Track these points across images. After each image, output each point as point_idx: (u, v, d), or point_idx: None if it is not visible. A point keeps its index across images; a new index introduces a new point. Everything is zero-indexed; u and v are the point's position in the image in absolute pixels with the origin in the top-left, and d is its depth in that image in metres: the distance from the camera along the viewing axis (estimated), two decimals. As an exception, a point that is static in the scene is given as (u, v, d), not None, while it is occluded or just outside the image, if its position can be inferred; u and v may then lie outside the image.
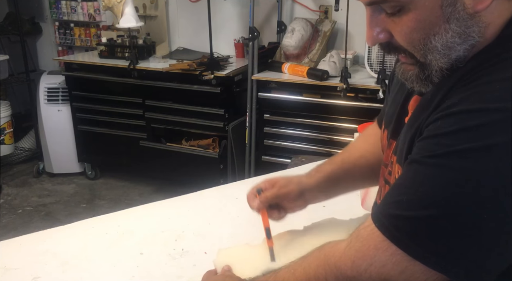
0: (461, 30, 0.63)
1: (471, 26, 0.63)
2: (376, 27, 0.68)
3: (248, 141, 3.18)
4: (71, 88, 3.62)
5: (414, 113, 0.73)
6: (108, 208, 3.32)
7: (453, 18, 0.63)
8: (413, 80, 0.70)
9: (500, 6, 0.63)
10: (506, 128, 0.55)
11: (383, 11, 0.67)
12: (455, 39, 0.64)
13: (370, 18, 0.68)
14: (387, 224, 0.63)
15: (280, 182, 1.02)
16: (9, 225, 3.18)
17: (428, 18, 0.64)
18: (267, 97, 3.01)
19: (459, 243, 0.58)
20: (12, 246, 1.18)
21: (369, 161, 1.03)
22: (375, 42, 0.70)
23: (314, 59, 3.04)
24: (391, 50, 0.71)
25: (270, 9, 3.43)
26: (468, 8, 0.62)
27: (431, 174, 0.60)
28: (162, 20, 3.68)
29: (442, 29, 0.64)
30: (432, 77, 0.68)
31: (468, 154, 0.57)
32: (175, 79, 3.24)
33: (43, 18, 4.27)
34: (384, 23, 0.68)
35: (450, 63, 0.66)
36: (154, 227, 1.20)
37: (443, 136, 0.59)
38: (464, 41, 0.64)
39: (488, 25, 0.64)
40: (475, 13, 0.63)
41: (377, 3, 0.66)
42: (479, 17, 0.63)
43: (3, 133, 3.72)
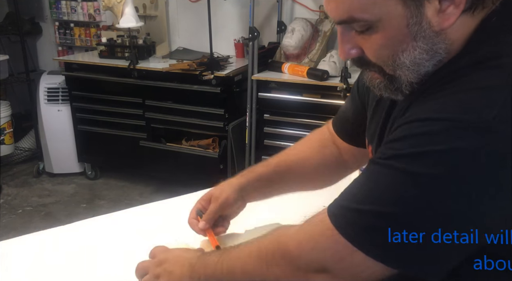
0: (428, 47, 0.66)
1: (438, 43, 0.66)
2: (347, 44, 0.72)
3: (248, 141, 3.18)
4: (71, 88, 3.62)
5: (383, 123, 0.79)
6: (108, 208, 3.32)
7: (420, 36, 0.65)
8: (381, 89, 0.74)
9: (464, 21, 0.66)
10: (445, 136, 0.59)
11: (353, 29, 0.70)
12: (422, 56, 0.67)
13: (342, 35, 0.72)
14: (336, 213, 0.68)
15: (214, 194, 1.04)
16: (9, 225, 3.18)
17: (396, 36, 0.66)
18: (267, 97, 3.01)
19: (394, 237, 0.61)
20: (12, 246, 1.18)
21: (306, 167, 1.06)
22: (347, 57, 0.73)
23: (314, 59, 3.04)
24: (363, 64, 0.73)
25: (270, 9, 3.43)
26: (434, 26, 0.65)
27: (380, 173, 0.65)
28: (162, 20, 3.68)
29: (410, 46, 0.66)
30: (402, 89, 0.71)
31: (411, 158, 0.61)
32: (175, 79, 3.24)
33: (43, 18, 4.27)
34: (355, 40, 0.70)
35: (419, 78, 0.69)
36: (154, 227, 1.20)
37: (395, 141, 0.64)
38: (431, 57, 0.67)
39: (454, 42, 0.67)
40: (441, 30, 0.65)
41: (346, 23, 0.69)
42: (445, 35, 0.66)
43: (3, 133, 3.72)
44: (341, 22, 0.69)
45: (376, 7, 0.64)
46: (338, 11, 0.68)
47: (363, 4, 0.65)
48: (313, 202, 1.11)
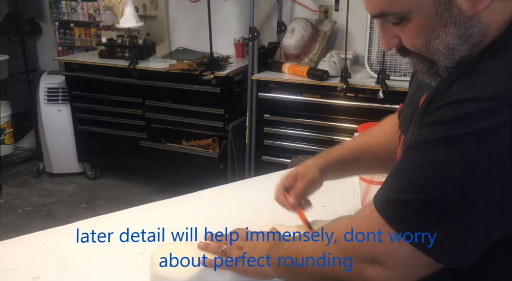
0: (461, 32, 0.67)
1: (470, 27, 0.67)
2: (387, 34, 0.75)
3: (248, 141, 3.18)
4: (71, 88, 3.62)
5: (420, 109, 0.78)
6: (108, 208, 3.32)
7: (450, 22, 0.67)
8: (424, 73, 0.75)
9: (500, 5, 0.66)
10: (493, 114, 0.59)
11: (389, 21, 0.73)
12: (455, 41, 0.68)
13: (381, 28, 0.75)
14: (384, 206, 0.68)
15: (300, 172, 1.09)
16: (9, 225, 3.18)
17: (427, 25, 0.69)
18: (267, 97, 3.01)
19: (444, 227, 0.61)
20: (12, 246, 1.18)
21: (378, 151, 1.10)
22: (389, 47, 0.77)
23: (314, 59, 3.04)
24: (404, 53, 0.76)
25: (270, 9, 3.43)
26: (465, 11, 0.66)
27: (423, 158, 0.64)
28: (162, 20, 3.68)
29: (442, 32, 0.68)
30: (440, 72, 0.72)
31: (457, 141, 0.60)
32: (175, 79, 3.24)
33: (43, 18, 4.27)
34: (393, 30, 0.74)
35: (454, 62, 0.70)
36: (154, 227, 1.20)
37: (436, 124, 0.64)
38: (465, 42, 0.68)
39: (489, 25, 0.67)
40: (474, 14, 0.66)
41: (380, 17, 0.73)
42: (478, 18, 0.67)
43: (3, 133, 3.72)
44: (376, 16, 0.73)
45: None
46: (371, 6, 0.72)
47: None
48: (315, 201, 1.12)
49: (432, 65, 0.73)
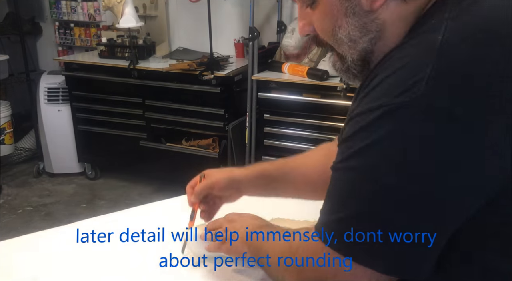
0: (360, 25, 0.70)
1: (368, 22, 0.69)
2: (302, 20, 0.77)
3: (248, 141, 3.18)
4: (71, 88, 3.62)
5: None
6: (108, 208, 3.32)
7: (350, 12, 0.70)
8: (340, 70, 0.78)
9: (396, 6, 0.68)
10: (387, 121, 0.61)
11: (305, 4, 0.75)
12: (355, 33, 0.71)
13: (299, 11, 0.77)
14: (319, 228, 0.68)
15: (209, 173, 1.09)
16: (9, 225, 3.18)
17: (331, 11, 0.71)
18: (267, 97, 3.01)
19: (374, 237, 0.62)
20: (12, 246, 1.18)
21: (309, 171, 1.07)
22: (303, 33, 0.79)
23: (314, 59, 3.04)
24: (319, 43, 0.78)
25: (270, 9, 3.43)
26: (364, 4, 0.69)
27: (340, 178, 0.66)
28: (162, 20, 3.68)
29: (344, 22, 0.71)
30: (350, 68, 0.74)
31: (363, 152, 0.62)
32: (175, 79, 3.24)
33: (43, 18, 4.27)
34: (308, 15, 0.76)
35: (357, 54, 0.73)
36: (154, 227, 1.20)
37: (346, 140, 0.66)
38: (364, 35, 0.70)
39: (386, 23, 0.69)
40: (372, 10, 0.69)
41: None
42: (376, 14, 0.69)
43: (3, 133, 3.72)
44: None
45: None
46: None
47: None
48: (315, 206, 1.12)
49: (342, 59, 0.75)
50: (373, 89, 0.65)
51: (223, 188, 1.08)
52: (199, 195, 1.08)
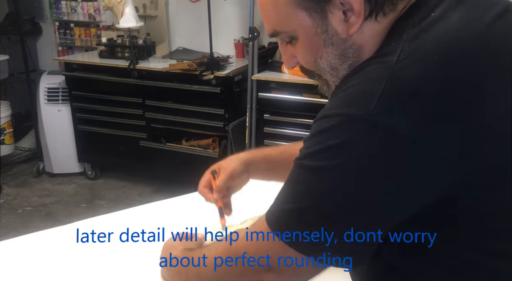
0: (339, 52, 0.73)
1: (346, 48, 0.73)
2: (285, 54, 0.81)
3: (248, 141, 3.18)
4: (71, 88, 3.62)
5: None
6: (108, 208, 3.32)
7: (328, 43, 0.73)
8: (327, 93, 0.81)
9: (369, 28, 0.71)
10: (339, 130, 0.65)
11: (284, 41, 0.79)
12: (336, 60, 0.74)
13: (281, 47, 0.81)
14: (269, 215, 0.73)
15: (223, 165, 1.12)
16: (9, 225, 3.18)
17: (311, 44, 0.75)
18: (267, 97, 3.01)
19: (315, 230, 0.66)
20: (12, 246, 1.18)
21: None
22: (290, 66, 0.83)
23: (314, 59, 3.04)
24: (306, 72, 0.82)
25: (270, 9, 3.42)
26: (340, 33, 0.72)
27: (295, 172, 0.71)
28: (162, 20, 3.68)
29: (324, 52, 0.74)
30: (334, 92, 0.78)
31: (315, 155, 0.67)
32: (175, 79, 3.24)
33: (43, 18, 4.27)
34: (290, 50, 0.80)
35: (339, 80, 0.76)
36: (154, 227, 1.20)
37: (305, 141, 0.71)
38: (343, 62, 0.74)
39: (361, 46, 0.73)
40: (348, 36, 0.72)
41: (274, 36, 0.78)
42: (352, 40, 0.72)
43: (3, 133, 3.72)
44: (271, 35, 0.79)
45: (290, 20, 0.73)
46: (266, 27, 0.78)
47: (280, 19, 0.75)
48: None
49: (328, 85, 0.79)
50: (333, 99, 0.69)
51: (240, 174, 1.11)
52: (223, 189, 1.10)
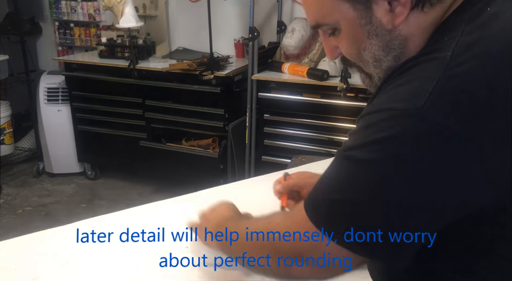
0: (383, 44, 0.72)
1: (391, 40, 0.72)
2: (328, 45, 0.81)
3: (248, 141, 3.18)
4: (71, 88, 3.62)
5: None
6: (108, 208, 3.32)
7: (373, 34, 0.72)
8: (369, 86, 0.81)
9: (416, 18, 0.70)
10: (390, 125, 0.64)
11: (326, 32, 0.78)
12: (380, 52, 0.73)
13: (323, 38, 0.80)
14: (309, 203, 0.72)
15: (304, 174, 1.16)
16: (9, 225, 3.18)
17: (354, 36, 0.74)
18: (267, 97, 3.01)
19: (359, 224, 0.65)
20: (12, 246, 1.18)
21: None
22: (332, 57, 0.82)
23: (314, 59, 3.04)
24: (347, 63, 0.82)
25: (270, 9, 3.43)
26: (385, 25, 0.71)
27: (341, 164, 0.70)
28: (162, 20, 3.68)
29: (368, 44, 0.73)
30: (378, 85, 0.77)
31: (364, 147, 0.66)
32: (175, 79, 3.24)
33: (43, 18, 4.27)
34: (332, 41, 0.79)
35: (383, 72, 0.75)
36: (154, 227, 1.20)
37: (352, 134, 0.70)
38: (388, 53, 0.73)
39: (408, 37, 0.71)
40: (394, 28, 0.71)
41: (316, 28, 0.78)
42: (398, 31, 0.71)
43: (3, 133, 3.72)
44: (313, 27, 0.78)
45: (332, 12, 0.73)
46: (309, 19, 0.78)
47: (323, 11, 0.74)
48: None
49: (370, 77, 0.79)
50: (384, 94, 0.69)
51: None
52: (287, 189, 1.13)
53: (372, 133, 0.65)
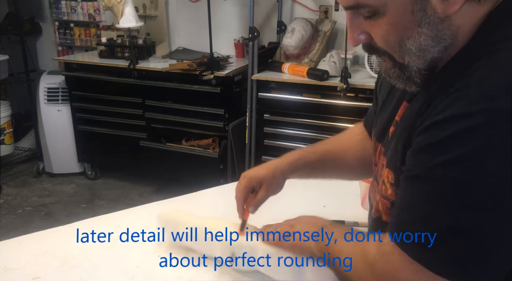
0: (433, 34, 0.66)
1: (443, 29, 0.66)
2: (356, 29, 0.72)
3: (248, 141, 3.18)
4: (71, 88, 3.62)
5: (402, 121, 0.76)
6: (108, 208, 3.32)
7: (424, 22, 0.65)
8: (396, 78, 0.73)
9: (470, 9, 0.65)
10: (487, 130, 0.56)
11: (361, 14, 0.70)
12: (428, 42, 0.67)
13: (351, 21, 0.71)
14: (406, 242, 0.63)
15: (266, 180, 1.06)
16: (9, 225, 3.18)
17: (401, 22, 0.66)
18: (267, 97, 3.01)
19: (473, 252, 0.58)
20: (12, 246, 1.18)
21: (348, 158, 1.10)
22: (356, 43, 0.73)
23: (314, 59, 3.04)
24: (372, 51, 0.74)
25: (270, 9, 3.43)
26: (439, 12, 0.65)
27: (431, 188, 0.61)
28: (162, 20, 3.68)
29: (415, 32, 0.66)
30: (412, 77, 0.70)
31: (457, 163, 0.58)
32: (175, 79, 3.24)
33: (43, 18, 4.27)
34: (363, 25, 0.71)
35: (426, 64, 0.69)
36: (154, 227, 1.20)
37: (433, 147, 0.61)
38: (437, 44, 0.67)
39: (459, 28, 0.66)
40: (446, 17, 0.65)
41: (353, 8, 0.69)
42: (450, 21, 0.65)
43: (3, 133, 3.72)
44: (348, 8, 0.69)
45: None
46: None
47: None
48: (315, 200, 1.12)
49: (402, 68, 0.71)
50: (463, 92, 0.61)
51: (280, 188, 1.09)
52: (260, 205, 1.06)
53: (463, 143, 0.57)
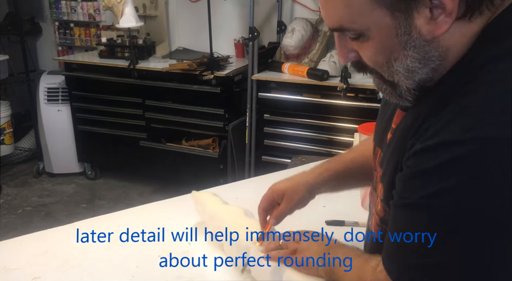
0: (420, 56, 0.65)
1: (430, 51, 0.64)
2: (344, 48, 0.71)
3: (248, 141, 3.18)
4: (71, 88, 3.62)
5: (397, 132, 0.75)
6: (108, 208, 3.32)
7: (410, 45, 0.64)
8: (388, 94, 0.72)
9: (460, 28, 0.63)
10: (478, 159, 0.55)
11: (347, 35, 0.69)
12: (415, 64, 0.65)
13: (338, 40, 0.71)
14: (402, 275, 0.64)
15: (288, 193, 1.02)
16: (9, 225, 3.18)
17: (386, 45, 0.66)
18: (267, 97, 3.01)
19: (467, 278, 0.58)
20: (12, 246, 1.18)
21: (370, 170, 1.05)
22: (346, 61, 0.73)
23: (314, 59, 3.04)
24: (362, 68, 0.73)
25: (270, 9, 3.43)
26: (425, 35, 0.63)
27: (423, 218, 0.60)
28: (162, 20, 3.67)
29: (401, 55, 0.65)
30: (403, 95, 0.69)
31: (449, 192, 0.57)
32: (175, 79, 3.24)
33: (43, 18, 4.27)
34: (350, 45, 0.70)
35: (415, 84, 0.68)
36: (154, 227, 1.20)
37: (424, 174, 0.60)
38: (424, 65, 0.65)
39: (449, 49, 0.64)
40: (433, 38, 0.63)
41: (338, 31, 0.69)
42: (438, 42, 0.64)
43: (3, 133, 3.72)
44: (333, 30, 0.70)
45: (363, 18, 0.64)
46: (330, 20, 0.68)
47: (351, 15, 0.65)
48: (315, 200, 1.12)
49: (394, 86, 0.70)
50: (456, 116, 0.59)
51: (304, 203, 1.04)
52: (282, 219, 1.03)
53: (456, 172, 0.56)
